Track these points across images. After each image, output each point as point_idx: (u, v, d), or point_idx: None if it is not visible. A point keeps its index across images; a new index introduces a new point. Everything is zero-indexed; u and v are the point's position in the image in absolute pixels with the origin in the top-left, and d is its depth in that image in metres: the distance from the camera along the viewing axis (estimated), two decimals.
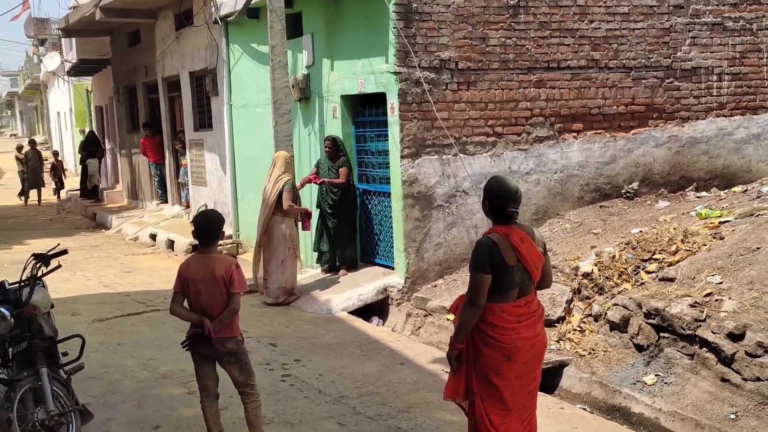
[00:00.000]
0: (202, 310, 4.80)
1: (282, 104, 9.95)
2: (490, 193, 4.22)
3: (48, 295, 5.66)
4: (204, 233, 4.85)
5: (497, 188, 4.19)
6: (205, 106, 14.34)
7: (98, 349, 7.37)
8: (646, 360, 6.25)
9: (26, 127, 68.83)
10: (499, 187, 4.19)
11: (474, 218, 9.01)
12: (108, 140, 22.94)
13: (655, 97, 9.83)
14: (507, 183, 4.21)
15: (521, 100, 9.20)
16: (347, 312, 8.73)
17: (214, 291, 4.77)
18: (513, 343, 4.13)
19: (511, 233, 4.13)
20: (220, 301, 4.78)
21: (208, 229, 4.84)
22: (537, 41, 9.20)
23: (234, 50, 12.62)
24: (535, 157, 9.31)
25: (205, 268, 4.79)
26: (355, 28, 9.41)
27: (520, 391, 4.21)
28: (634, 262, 7.25)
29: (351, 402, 5.98)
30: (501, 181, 4.24)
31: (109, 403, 5.99)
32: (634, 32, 9.65)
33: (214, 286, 4.76)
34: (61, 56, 26.89)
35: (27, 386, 4.87)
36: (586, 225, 8.94)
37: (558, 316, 7.26)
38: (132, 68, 18.14)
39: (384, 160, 9.29)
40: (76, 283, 10.88)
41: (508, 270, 4.09)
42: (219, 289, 4.77)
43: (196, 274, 4.80)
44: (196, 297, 4.81)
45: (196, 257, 4.94)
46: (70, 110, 30.48)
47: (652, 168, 9.88)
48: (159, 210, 16.99)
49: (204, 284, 4.77)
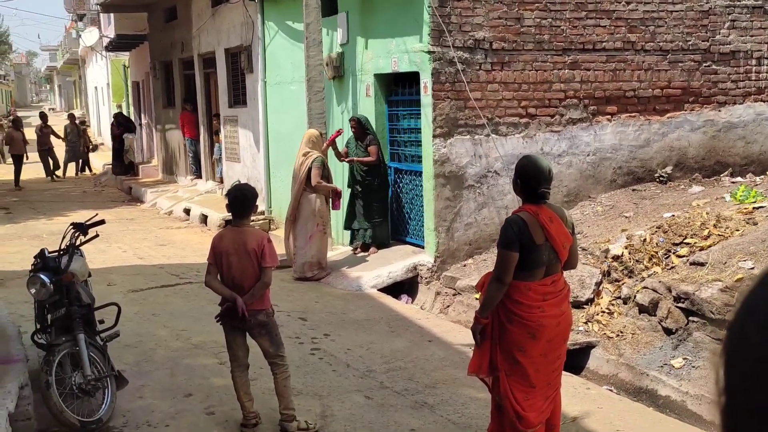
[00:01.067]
0: (233, 282, 4.88)
1: (316, 82, 10.02)
2: (522, 172, 4.21)
3: (86, 263, 5.82)
4: (238, 206, 4.91)
5: (530, 168, 4.18)
6: (239, 82, 14.45)
7: (133, 319, 7.53)
8: (675, 343, 6.25)
9: (65, 102, 69.81)
10: (532, 166, 4.18)
11: (505, 199, 9.02)
12: (144, 115, 23.22)
13: (692, 80, 9.71)
14: (539, 163, 4.22)
15: (555, 82, 9.15)
16: (377, 289, 8.82)
17: (246, 264, 4.85)
18: (538, 320, 4.15)
19: (540, 212, 4.13)
20: (252, 275, 4.86)
21: (242, 203, 4.91)
22: (572, 22, 9.14)
23: (269, 27, 12.69)
24: (568, 139, 9.27)
25: (238, 242, 4.86)
26: (390, 7, 9.41)
27: (545, 368, 4.24)
28: (664, 246, 7.22)
29: (378, 376, 6.07)
30: (534, 161, 4.24)
31: (142, 370, 6.14)
32: (672, 14, 9.53)
33: (246, 260, 4.84)
34: (100, 31, 27.19)
35: (65, 351, 5.03)
36: (618, 208, 8.91)
37: (587, 297, 7.28)
38: (168, 44, 18.32)
39: (416, 139, 9.32)
40: (112, 254, 11.10)
41: (536, 248, 4.10)
42: (251, 263, 4.84)
43: (229, 247, 4.89)
44: (228, 269, 4.90)
45: (229, 230, 5.03)
46: (108, 85, 30.84)
47: (687, 152, 9.79)
48: (193, 185, 17.20)
49: (236, 257, 4.85)
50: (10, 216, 15.20)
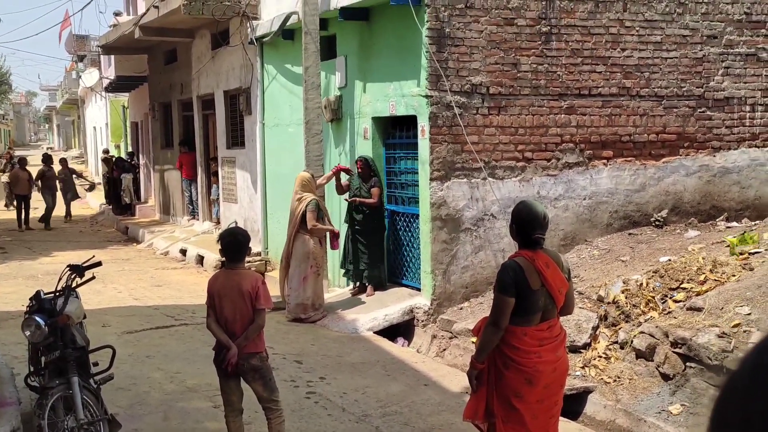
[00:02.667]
0: (226, 325, 4.87)
1: (314, 124, 10.10)
2: (517, 218, 4.27)
3: (81, 305, 5.78)
4: (232, 250, 4.94)
5: (525, 213, 4.24)
6: (238, 124, 14.56)
7: (127, 361, 7.48)
8: (672, 389, 6.21)
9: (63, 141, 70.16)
10: (527, 212, 4.24)
11: (501, 242, 9.03)
12: (142, 155, 23.32)
13: (687, 126, 9.81)
14: (535, 208, 4.27)
15: (551, 126, 9.23)
16: (373, 332, 8.78)
17: (240, 306, 4.84)
18: (534, 366, 4.15)
19: (536, 258, 4.17)
20: (246, 317, 4.85)
21: (236, 246, 4.94)
22: (568, 68, 9.25)
23: (268, 70, 12.83)
24: (564, 183, 9.33)
25: (232, 283, 4.87)
26: (388, 51, 9.53)
27: (542, 414, 4.23)
28: (661, 291, 7.22)
29: (374, 421, 6.02)
30: (529, 207, 4.30)
31: (136, 414, 6.08)
32: (667, 61, 9.66)
33: (240, 302, 4.84)
34: (100, 72, 27.46)
35: (58, 394, 4.97)
36: (614, 252, 8.92)
37: (583, 342, 7.25)
38: (168, 86, 18.48)
39: (413, 181, 9.37)
40: (107, 295, 11.05)
41: (532, 294, 4.13)
42: (245, 305, 4.84)
43: (223, 288, 4.89)
44: (221, 311, 4.90)
45: (223, 272, 5.04)
46: (107, 125, 31.04)
47: (683, 197, 9.84)
48: (190, 225, 17.21)
49: (229, 299, 4.85)
50: (6, 255, 15.16)
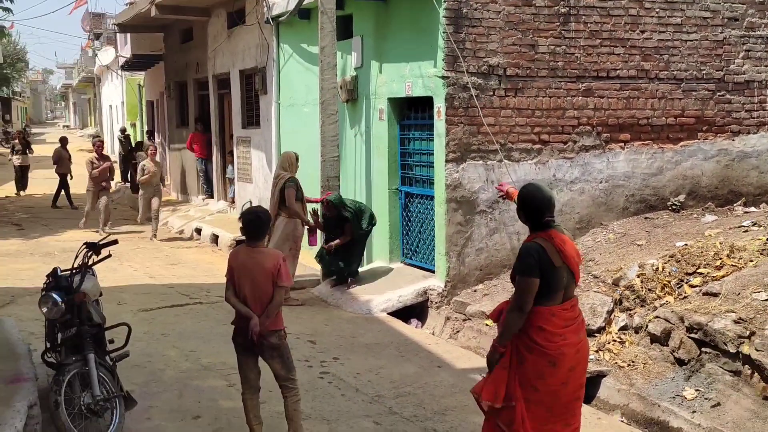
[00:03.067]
0: (244, 301, 4.90)
1: (329, 105, 10.06)
2: (524, 204, 4.37)
3: (97, 283, 5.83)
4: (252, 229, 4.96)
5: (531, 199, 4.34)
6: (253, 104, 14.54)
7: (142, 339, 7.53)
8: (687, 374, 6.19)
9: (79, 119, 70.44)
10: (533, 198, 4.34)
11: (516, 225, 8.99)
12: (158, 134, 23.37)
13: (706, 109, 9.71)
14: (542, 192, 4.36)
15: (568, 109, 9.16)
16: (386, 313, 8.80)
17: (260, 284, 4.86)
18: (559, 349, 4.20)
19: (554, 236, 4.26)
20: (265, 295, 4.87)
21: (256, 225, 4.97)
22: (587, 50, 9.16)
23: (284, 50, 12.79)
24: (581, 166, 9.27)
25: (253, 261, 4.90)
26: (405, 32, 9.47)
27: (566, 397, 4.26)
28: (677, 276, 7.18)
29: (387, 402, 6.04)
30: (534, 191, 4.39)
31: (151, 391, 6.13)
32: (686, 44, 9.54)
33: (260, 280, 4.86)
34: (116, 51, 27.51)
35: (74, 371, 5.02)
36: (630, 236, 8.87)
37: (598, 326, 7.23)
38: (184, 65, 18.48)
39: (428, 162, 9.34)
40: (123, 273, 11.12)
41: (556, 271, 4.21)
42: (266, 283, 4.86)
43: (244, 266, 4.92)
44: (239, 288, 4.93)
45: (244, 249, 5.04)
46: (122, 104, 31.11)
47: (700, 181, 9.76)
48: (205, 205, 17.27)
49: (249, 277, 4.88)
50: (23, 232, 15.27)
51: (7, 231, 15.43)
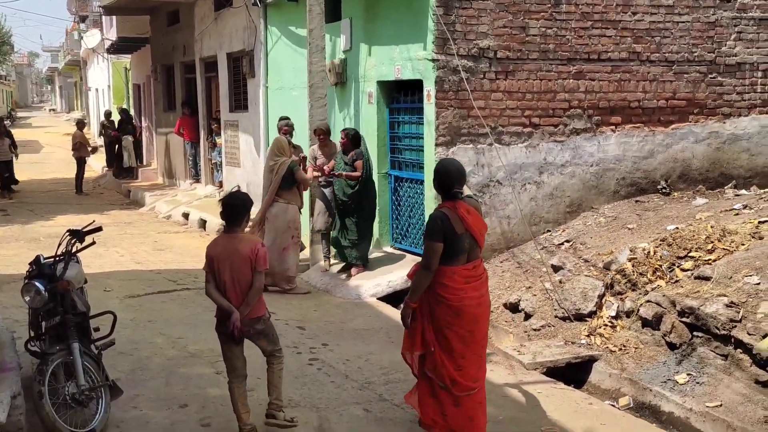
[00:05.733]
0: (224, 289, 4.87)
1: (318, 88, 9.94)
2: (437, 175, 4.88)
3: (82, 270, 5.73)
4: (231, 214, 4.94)
5: (443, 171, 4.87)
6: (241, 87, 14.39)
7: (128, 326, 7.44)
8: (678, 359, 6.15)
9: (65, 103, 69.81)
10: (445, 170, 4.87)
11: (507, 209, 8.94)
12: (144, 118, 23.13)
13: (697, 92, 9.64)
14: (452, 166, 4.92)
15: (559, 91, 9.07)
16: (376, 298, 8.72)
17: (239, 270, 4.82)
18: (461, 301, 4.76)
19: (458, 207, 4.77)
20: (244, 281, 4.84)
21: (235, 210, 4.94)
22: (578, 32, 9.06)
23: (272, 32, 12.63)
24: (572, 150, 9.20)
25: (231, 248, 4.85)
26: (394, 14, 9.34)
27: (473, 344, 4.84)
28: (669, 259, 7.13)
29: (377, 389, 5.98)
30: (446, 165, 4.94)
31: (137, 379, 6.05)
32: (678, 25, 9.46)
33: (239, 266, 4.82)
34: (102, 33, 27.15)
35: (59, 360, 4.94)
36: (621, 219, 8.82)
37: (589, 310, 7.19)
38: (170, 48, 18.26)
39: (417, 146, 9.24)
40: (109, 259, 11.01)
41: (458, 238, 4.72)
42: (244, 269, 4.83)
43: (222, 253, 4.87)
44: (219, 275, 4.88)
45: (222, 237, 5.01)
46: (109, 87, 30.79)
47: (691, 164, 9.71)
48: (192, 189, 17.12)
49: (228, 264, 4.83)
50: (8, 218, 15.10)
51: None
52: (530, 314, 7.61)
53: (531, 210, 9.07)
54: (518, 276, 8.37)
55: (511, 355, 6.76)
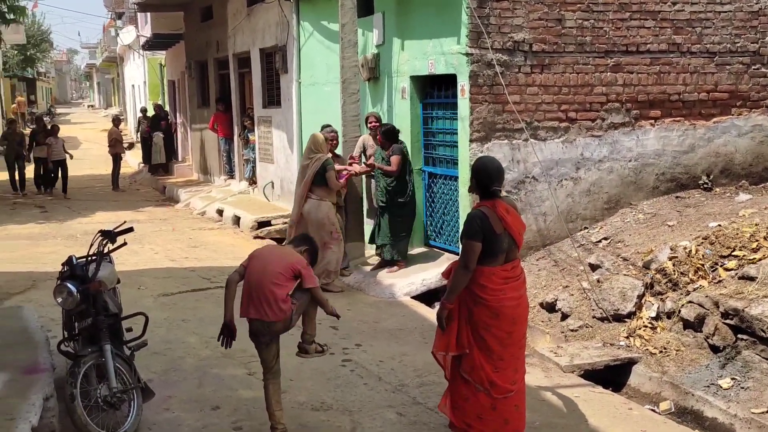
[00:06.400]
0: (250, 290, 4.86)
1: (351, 83, 9.84)
2: (476, 173, 4.82)
3: (114, 270, 5.71)
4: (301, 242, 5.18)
5: (482, 169, 4.80)
6: (274, 83, 14.35)
7: (162, 325, 7.44)
8: (722, 362, 5.95)
9: (103, 99, 70.72)
10: (484, 168, 4.80)
11: (543, 205, 8.77)
12: (179, 114, 23.27)
13: (740, 84, 9.36)
14: (490, 164, 4.84)
15: (597, 85, 8.87)
16: (410, 296, 8.62)
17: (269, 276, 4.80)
18: (500, 302, 4.68)
19: (497, 206, 4.71)
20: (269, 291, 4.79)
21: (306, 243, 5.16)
22: (615, 23, 8.84)
23: (304, 28, 12.56)
24: (609, 144, 8.99)
25: (276, 255, 4.95)
26: (427, 8, 9.20)
27: (511, 346, 4.76)
28: (711, 258, 6.91)
29: (411, 391, 5.88)
30: (486, 163, 4.86)
31: (170, 380, 6.03)
32: (720, 15, 9.18)
33: (271, 274, 4.80)
34: (137, 30, 27.38)
35: (91, 362, 4.92)
36: (661, 216, 8.60)
37: (628, 311, 7.01)
38: (204, 44, 18.30)
39: (452, 142, 9.10)
40: (144, 256, 11.06)
41: (497, 237, 4.66)
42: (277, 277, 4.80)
43: (264, 253, 4.96)
44: (250, 275, 4.88)
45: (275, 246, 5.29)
46: (145, 83, 31.06)
47: (734, 158, 9.44)
48: (227, 185, 17.16)
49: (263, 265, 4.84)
50: (46, 215, 15.29)
51: (30, 213, 15.47)
52: (567, 314, 7.45)
53: (568, 207, 8.88)
54: (555, 275, 8.20)
55: (547, 357, 6.62)
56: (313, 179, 8.78)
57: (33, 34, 45.62)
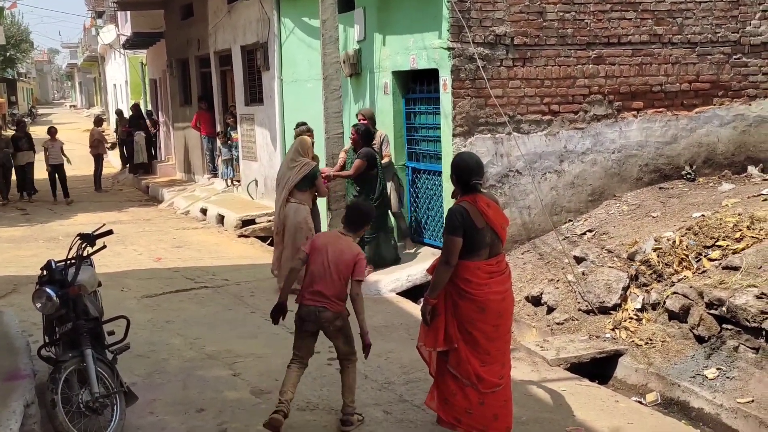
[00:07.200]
0: (311, 279, 5.03)
1: (332, 80, 9.78)
2: (455, 168, 4.80)
3: (94, 274, 5.64)
4: (353, 219, 5.19)
5: (461, 164, 4.79)
6: (256, 80, 14.26)
7: (146, 327, 7.37)
8: (707, 352, 5.96)
9: (85, 99, 70.17)
10: (463, 162, 4.79)
11: (527, 199, 8.75)
12: (161, 113, 23.11)
13: (721, 73, 9.38)
14: (469, 159, 4.85)
15: (579, 77, 8.85)
16: (395, 293, 8.58)
17: (334, 267, 5.00)
18: (486, 296, 4.67)
19: (478, 200, 4.69)
20: (330, 279, 4.99)
21: (358, 217, 5.19)
22: (597, 15, 8.83)
23: (285, 24, 12.48)
24: (592, 137, 8.98)
25: (337, 245, 5.06)
26: (408, 2, 9.15)
27: (498, 340, 4.76)
28: (695, 249, 6.92)
29: (397, 389, 5.85)
30: (464, 158, 4.87)
31: (154, 383, 5.96)
32: (701, 5, 9.19)
33: (337, 263, 4.99)
34: (117, 29, 27.16)
35: (72, 367, 4.84)
36: (645, 207, 8.60)
37: (613, 303, 7.01)
38: (185, 42, 18.17)
39: (435, 137, 9.07)
40: (127, 257, 10.96)
41: (478, 232, 4.64)
42: (339, 268, 4.99)
43: (326, 245, 5.07)
44: (316, 264, 5.03)
45: (334, 232, 5.28)
46: (126, 83, 30.82)
47: (716, 148, 9.46)
48: (210, 184, 17.06)
49: (327, 257, 5.01)
50: (27, 217, 15.14)
51: (12, 216, 15.31)
52: (553, 307, 7.44)
53: (552, 200, 8.87)
54: (540, 268, 8.19)
55: (533, 350, 6.61)
56: (297, 184, 8.59)
57: (12, 35, 45.17)
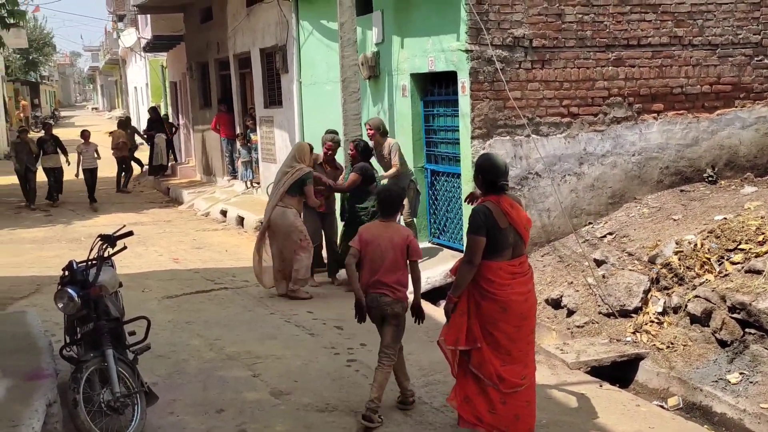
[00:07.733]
0: (371, 268, 5.16)
1: (351, 82, 9.81)
2: (481, 169, 4.83)
3: (115, 274, 5.69)
4: (386, 206, 5.29)
5: (487, 164, 4.82)
6: (275, 83, 14.33)
7: (166, 327, 7.42)
8: (730, 357, 5.91)
9: (107, 101, 70.79)
10: (489, 163, 4.82)
11: (546, 201, 8.72)
12: (181, 116, 23.25)
13: (743, 75, 9.30)
14: (496, 159, 4.89)
15: (598, 80, 8.82)
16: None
17: (388, 255, 5.13)
18: (508, 296, 4.70)
19: (501, 201, 4.73)
20: (390, 265, 5.14)
21: (389, 202, 5.30)
22: (616, 17, 8.79)
23: (304, 27, 12.53)
24: (612, 139, 8.94)
25: (384, 234, 5.18)
26: (426, 5, 9.15)
27: (520, 340, 4.78)
28: (717, 252, 6.86)
29: (417, 391, 5.82)
30: (490, 158, 4.91)
31: (174, 383, 6.00)
32: (721, 7, 9.12)
33: (389, 251, 5.13)
34: (137, 32, 27.37)
35: (93, 367, 4.89)
36: (665, 210, 8.54)
37: (634, 306, 6.96)
38: (204, 45, 18.29)
39: (453, 139, 9.06)
40: (148, 258, 11.04)
41: (501, 232, 4.68)
42: (394, 255, 5.13)
43: (374, 237, 5.18)
44: (370, 257, 5.17)
45: (377, 223, 5.36)
46: (147, 85, 31.07)
47: (738, 151, 9.38)
48: (230, 186, 17.15)
49: (379, 247, 5.14)
50: (50, 218, 15.28)
51: (35, 217, 15.47)
52: (573, 310, 7.41)
53: (571, 202, 8.84)
54: (560, 270, 8.15)
55: (553, 354, 6.57)
56: (288, 189, 8.54)
57: (35, 38, 45.65)
